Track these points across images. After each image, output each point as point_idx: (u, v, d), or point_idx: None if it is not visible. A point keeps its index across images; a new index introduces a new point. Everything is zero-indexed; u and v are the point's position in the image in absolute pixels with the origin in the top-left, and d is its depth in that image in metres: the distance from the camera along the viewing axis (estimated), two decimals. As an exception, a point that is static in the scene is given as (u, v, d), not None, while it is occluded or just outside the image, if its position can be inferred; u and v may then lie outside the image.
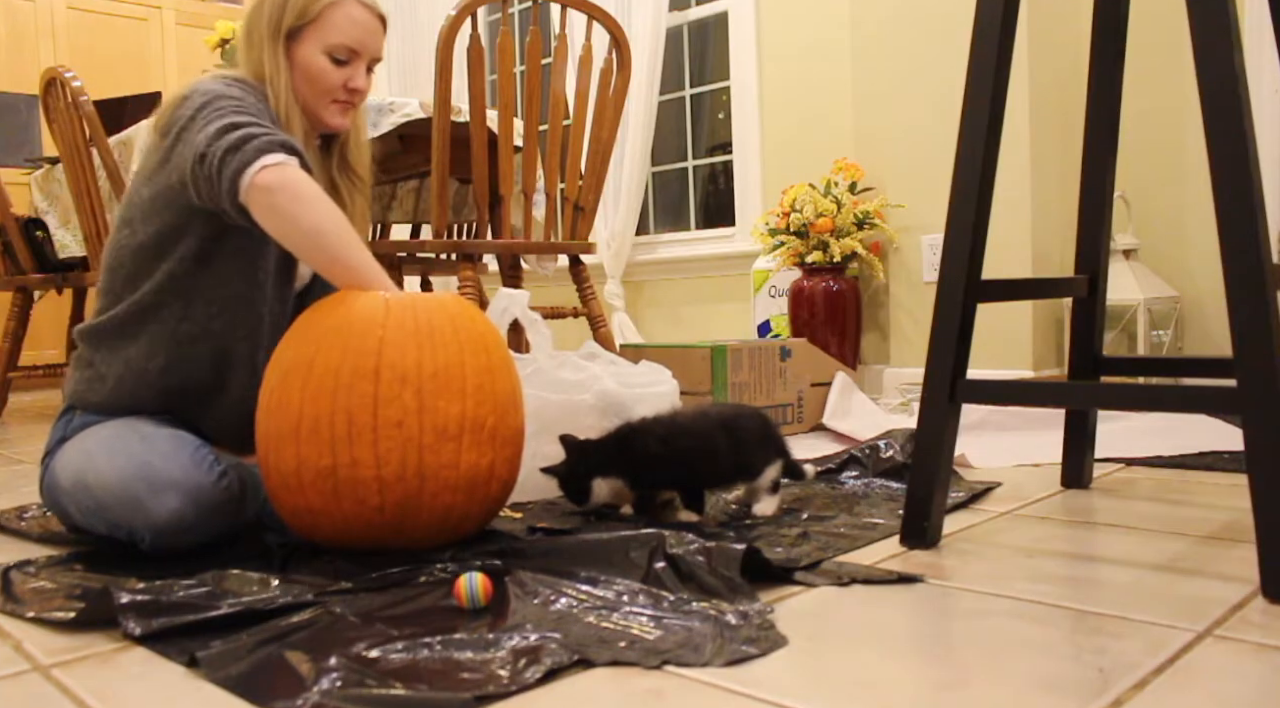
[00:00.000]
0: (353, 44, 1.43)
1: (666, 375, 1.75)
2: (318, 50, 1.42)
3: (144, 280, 1.38)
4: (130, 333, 1.38)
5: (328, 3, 1.42)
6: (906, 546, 1.29)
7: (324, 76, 1.43)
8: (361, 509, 1.20)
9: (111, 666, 0.94)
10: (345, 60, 1.44)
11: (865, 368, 3.08)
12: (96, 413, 1.39)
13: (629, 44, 2.39)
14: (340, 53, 1.43)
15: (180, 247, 1.36)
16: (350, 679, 0.85)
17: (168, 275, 1.37)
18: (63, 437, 1.39)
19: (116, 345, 1.39)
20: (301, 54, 1.42)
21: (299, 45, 1.42)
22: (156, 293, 1.37)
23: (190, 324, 1.38)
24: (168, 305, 1.37)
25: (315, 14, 1.41)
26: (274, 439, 1.24)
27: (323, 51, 1.42)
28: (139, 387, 1.38)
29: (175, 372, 1.38)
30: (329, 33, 1.42)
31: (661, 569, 1.10)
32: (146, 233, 1.38)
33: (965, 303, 1.26)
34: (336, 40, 1.42)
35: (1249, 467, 1.03)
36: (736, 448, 1.43)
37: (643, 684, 0.85)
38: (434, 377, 1.21)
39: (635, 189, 3.68)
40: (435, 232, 2.23)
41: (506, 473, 1.30)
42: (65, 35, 4.43)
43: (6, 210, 3.06)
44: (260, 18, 1.42)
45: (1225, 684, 0.82)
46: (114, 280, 1.41)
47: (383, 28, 1.49)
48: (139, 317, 1.38)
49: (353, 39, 1.43)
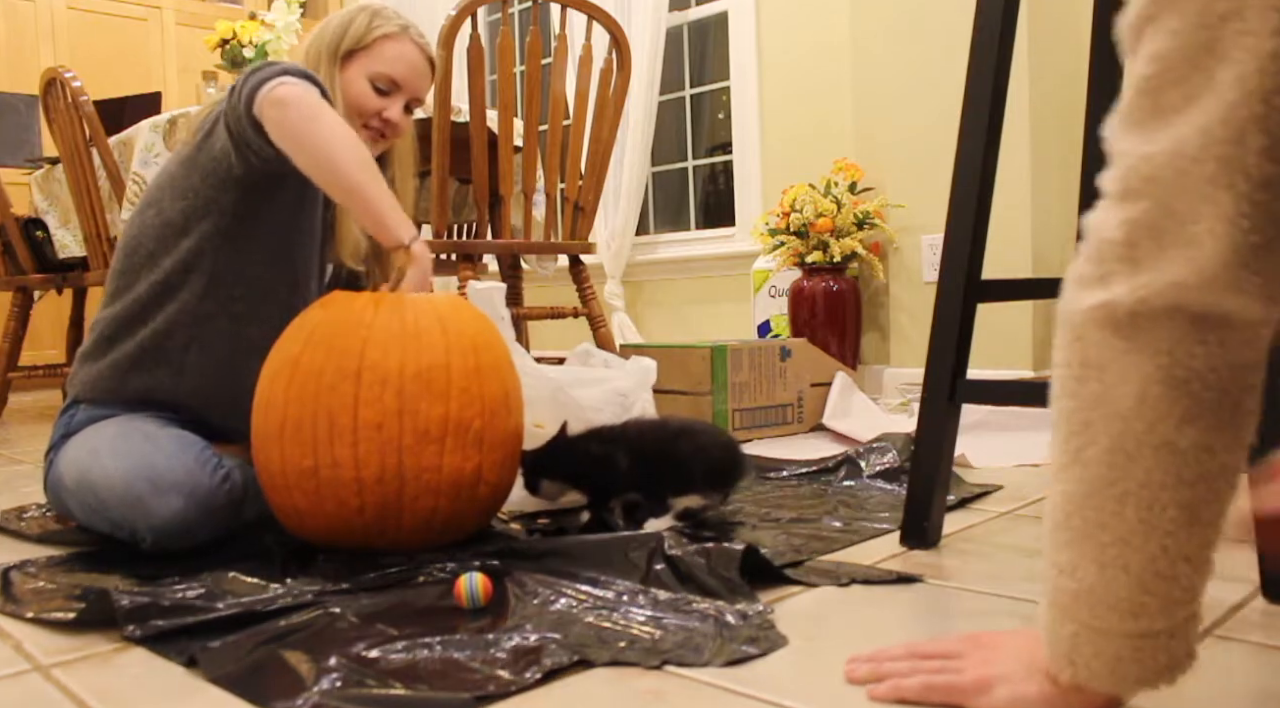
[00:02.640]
0: (395, 77, 1.51)
1: (630, 369, 1.72)
2: (363, 75, 1.50)
3: (165, 257, 1.38)
4: (149, 315, 1.38)
5: (383, 34, 1.50)
6: (906, 546, 1.29)
7: (362, 99, 1.50)
8: (343, 510, 1.20)
9: (111, 666, 0.94)
10: (386, 91, 1.51)
11: (865, 368, 3.08)
12: (104, 406, 1.38)
13: (629, 44, 2.39)
14: (382, 82, 1.50)
15: (206, 223, 1.37)
16: (350, 679, 0.85)
17: (192, 251, 1.37)
18: (66, 432, 1.39)
19: (135, 328, 1.39)
20: (349, 76, 1.50)
21: (349, 68, 1.50)
22: (179, 271, 1.37)
23: (211, 303, 1.38)
24: (189, 284, 1.37)
25: (370, 42, 1.49)
26: (262, 438, 1.24)
27: (367, 77, 1.50)
28: (155, 370, 1.38)
29: (193, 352, 1.38)
30: (376, 61, 1.50)
31: (661, 570, 1.10)
32: (175, 210, 1.38)
33: (965, 303, 1.26)
34: (381, 69, 1.50)
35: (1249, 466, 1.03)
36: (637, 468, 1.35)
37: (643, 684, 0.85)
38: (416, 378, 1.20)
39: (635, 189, 3.68)
40: (435, 232, 2.23)
41: (496, 477, 1.28)
42: (65, 35, 4.43)
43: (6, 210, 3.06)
44: (323, 38, 1.50)
45: (1225, 684, 0.82)
46: (132, 261, 1.40)
47: (430, 71, 1.56)
48: (158, 298, 1.38)
49: (396, 72, 1.51)
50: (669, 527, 1.31)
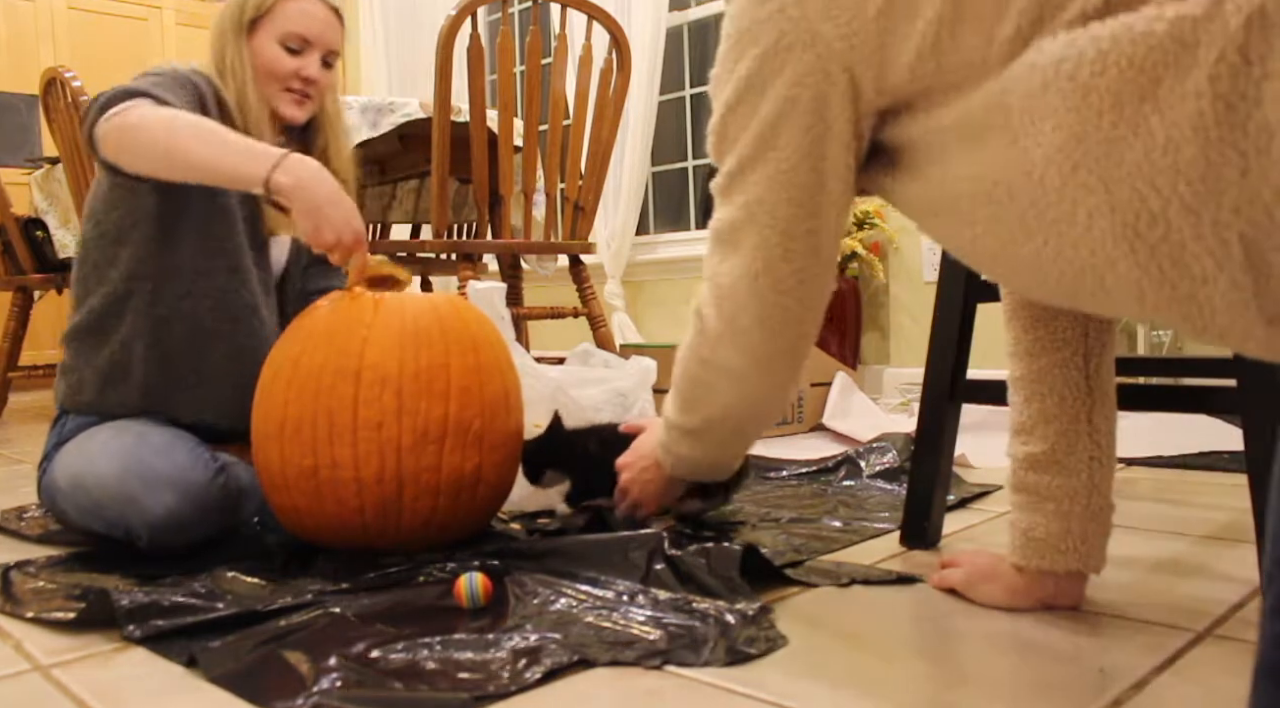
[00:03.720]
0: (304, 33, 1.49)
1: (630, 369, 1.72)
2: (271, 40, 1.48)
3: (110, 268, 1.40)
4: (110, 326, 1.40)
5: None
6: (907, 546, 1.29)
7: (276, 63, 1.48)
8: (342, 510, 1.20)
9: (111, 666, 0.94)
10: (298, 50, 1.49)
11: (865, 368, 3.08)
12: (88, 414, 1.40)
13: (629, 44, 2.39)
14: (292, 41, 1.48)
15: (138, 230, 1.39)
16: (350, 679, 0.85)
17: (132, 259, 1.39)
18: (58, 441, 1.40)
19: (99, 341, 1.40)
20: (257, 45, 1.48)
21: (257, 37, 1.48)
22: (125, 280, 1.39)
23: (162, 306, 1.39)
24: (137, 291, 1.39)
25: (270, 5, 1.48)
26: (262, 438, 1.24)
27: (276, 40, 1.48)
28: (125, 378, 1.39)
29: (155, 356, 1.39)
30: (281, 22, 1.48)
31: (661, 570, 1.09)
32: (109, 221, 1.41)
33: (965, 303, 1.26)
34: (288, 29, 1.48)
35: (1249, 467, 1.03)
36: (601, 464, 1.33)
37: (643, 684, 0.85)
38: (415, 378, 1.20)
39: (635, 189, 3.68)
40: (435, 232, 2.23)
41: (496, 477, 1.28)
42: (65, 35, 4.43)
43: (6, 210, 3.06)
44: (225, 15, 1.49)
45: (1225, 684, 0.82)
46: (84, 274, 1.43)
47: (338, 21, 1.54)
48: (115, 307, 1.39)
49: (303, 28, 1.49)
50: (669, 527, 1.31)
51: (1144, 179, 0.62)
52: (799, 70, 0.82)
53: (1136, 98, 0.62)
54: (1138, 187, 0.63)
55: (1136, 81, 0.61)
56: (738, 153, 0.89)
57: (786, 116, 0.84)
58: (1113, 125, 0.63)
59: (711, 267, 0.96)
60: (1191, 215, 0.61)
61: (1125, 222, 0.64)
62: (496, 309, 1.61)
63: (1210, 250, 0.61)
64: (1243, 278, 0.61)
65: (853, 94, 0.82)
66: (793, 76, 0.83)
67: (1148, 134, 0.62)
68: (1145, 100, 0.61)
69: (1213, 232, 0.60)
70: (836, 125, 0.83)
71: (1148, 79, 0.61)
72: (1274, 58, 0.56)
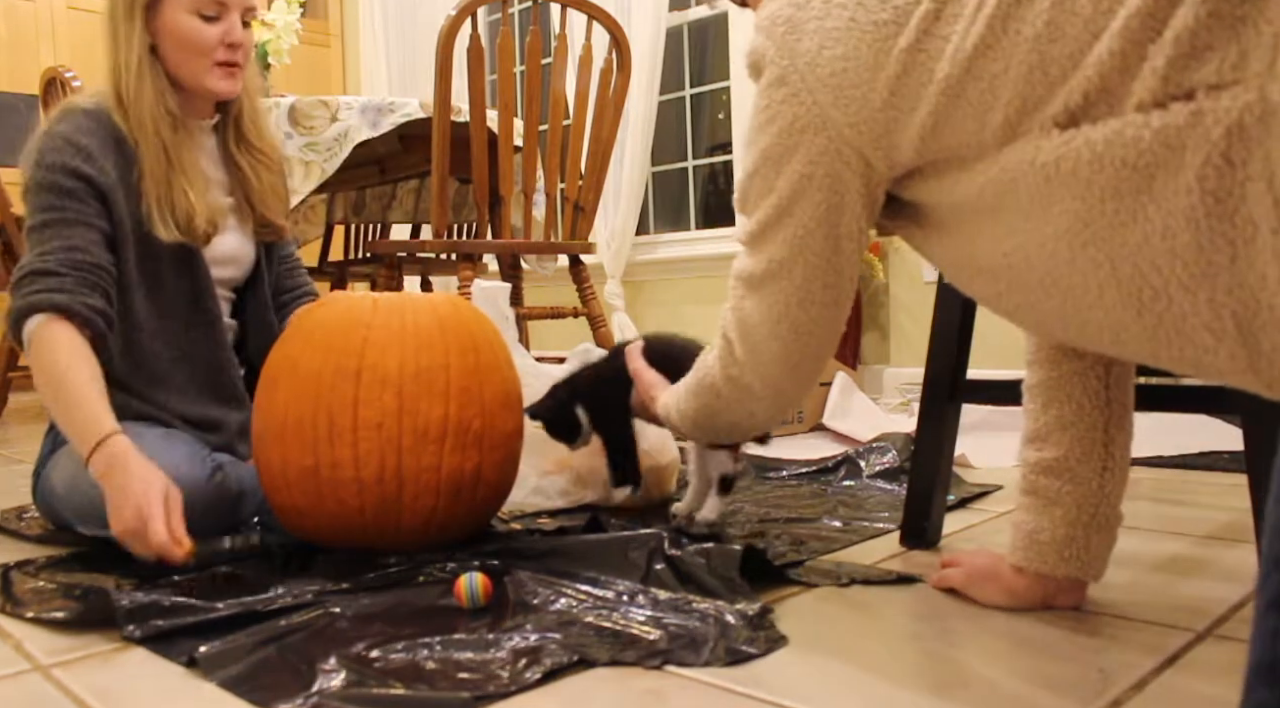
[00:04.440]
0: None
1: None
2: (182, 12, 1.35)
3: None
4: None
5: None
6: (907, 545, 1.29)
7: (197, 35, 1.35)
8: (343, 510, 1.20)
9: (111, 666, 0.94)
10: (215, 15, 1.36)
11: (865, 368, 3.08)
12: None
13: (629, 44, 2.39)
14: (207, 8, 1.35)
15: None
16: (350, 679, 0.85)
17: None
18: (53, 448, 1.40)
19: None
20: (167, 22, 1.35)
21: (161, 16, 1.36)
22: None
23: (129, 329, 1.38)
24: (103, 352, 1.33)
25: None
26: (262, 438, 1.25)
27: (188, 11, 1.35)
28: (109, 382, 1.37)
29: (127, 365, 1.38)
30: None
31: (661, 570, 1.10)
32: None
33: (965, 303, 1.26)
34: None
35: (1249, 467, 1.03)
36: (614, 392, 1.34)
37: (643, 684, 0.85)
38: (415, 378, 1.20)
39: (635, 189, 3.68)
40: (435, 232, 2.23)
41: (496, 477, 1.28)
42: (65, 35, 4.43)
43: (6, 210, 3.06)
44: (116, 3, 1.37)
45: (1225, 684, 0.82)
46: None
47: None
48: None
49: None
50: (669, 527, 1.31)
51: (1145, 259, 0.68)
52: (813, 151, 0.90)
53: (1134, 191, 0.67)
54: (1140, 265, 0.68)
55: (1132, 178, 0.67)
56: (759, 216, 0.96)
57: (803, 191, 0.92)
58: (1115, 212, 0.69)
59: (737, 298, 1.02)
60: (1189, 293, 0.66)
61: (1131, 293, 0.70)
62: (500, 309, 1.61)
63: (1208, 325, 0.66)
64: (1239, 351, 0.66)
65: (864, 170, 0.89)
66: (807, 156, 0.90)
67: (1146, 221, 0.67)
68: (1142, 193, 0.67)
69: (1209, 309, 0.66)
70: (849, 196, 0.91)
71: (1142, 177, 0.67)
72: (1254, 162, 0.61)
